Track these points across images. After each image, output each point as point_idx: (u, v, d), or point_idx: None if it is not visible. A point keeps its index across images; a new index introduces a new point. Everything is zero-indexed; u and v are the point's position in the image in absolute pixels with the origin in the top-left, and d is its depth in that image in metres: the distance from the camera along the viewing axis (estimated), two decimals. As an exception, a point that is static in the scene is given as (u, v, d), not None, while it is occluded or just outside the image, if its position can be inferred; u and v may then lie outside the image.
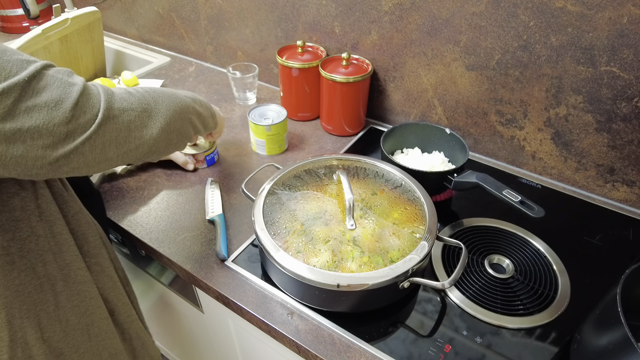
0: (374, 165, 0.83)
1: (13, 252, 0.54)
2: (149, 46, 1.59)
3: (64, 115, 0.45)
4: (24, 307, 0.57)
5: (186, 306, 0.98)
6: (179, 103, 0.63)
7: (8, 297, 0.55)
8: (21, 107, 0.43)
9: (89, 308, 0.65)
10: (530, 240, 0.81)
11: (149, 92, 0.58)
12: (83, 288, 0.64)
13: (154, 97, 0.58)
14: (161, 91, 0.61)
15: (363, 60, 1.06)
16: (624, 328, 0.48)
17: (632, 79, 0.78)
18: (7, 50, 0.44)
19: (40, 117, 0.44)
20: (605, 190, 0.92)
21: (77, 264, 0.63)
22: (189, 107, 0.66)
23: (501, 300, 0.70)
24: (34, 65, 0.45)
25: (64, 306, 0.62)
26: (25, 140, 0.44)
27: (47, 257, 0.58)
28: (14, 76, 0.43)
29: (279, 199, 0.75)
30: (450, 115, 1.03)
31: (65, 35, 1.24)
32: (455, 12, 0.90)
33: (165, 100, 0.60)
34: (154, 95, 0.59)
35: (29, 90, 0.44)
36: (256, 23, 1.23)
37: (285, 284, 0.70)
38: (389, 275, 0.62)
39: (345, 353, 0.64)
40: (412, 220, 0.72)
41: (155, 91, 0.60)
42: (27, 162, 0.45)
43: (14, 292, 0.56)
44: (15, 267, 0.55)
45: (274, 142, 1.01)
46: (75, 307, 0.63)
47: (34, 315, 0.58)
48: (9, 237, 0.54)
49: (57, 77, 0.46)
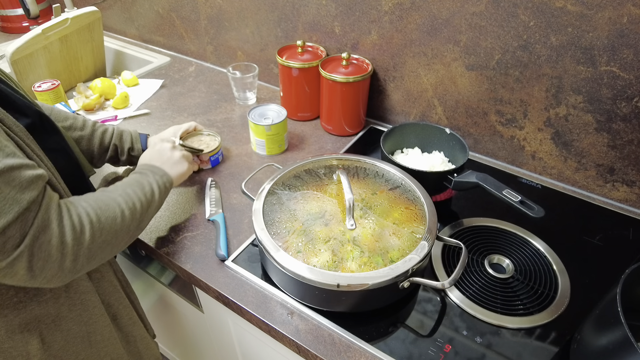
0: (374, 165, 0.83)
1: None
2: (149, 46, 1.59)
3: None
4: (24, 323, 0.57)
5: (186, 306, 0.98)
6: (122, 228, 0.59)
7: (8, 315, 0.55)
8: None
9: (92, 317, 0.66)
10: (530, 240, 0.81)
11: (94, 227, 0.54)
12: (86, 298, 0.64)
13: (94, 229, 0.54)
14: (108, 219, 0.56)
15: (363, 60, 1.06)
16: (624, 328, 0.48)
17: (632, 79, 0.78)
18: (8, 184, 0.43)
19: None
20: (605, 190, 0.92)
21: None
22: (135, 218, 0.62)
23: (501, 300, 0.70)
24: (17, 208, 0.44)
25: (65, 316, 0.62)
26: None
27: None
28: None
29: (279, 199, 0.75)
30: (450, 115, 1.03)
31: (65, 35, 1.24)
32: (455, 12, 0.90)
33: (108, 233, 0.56)
34: (97, 231, 0.54)
35: None
36: (256, 23, 1.23)
37: (285, 284, 0.70)
38: (389, 275, 0.62)
39: (345, 353, 0.64)
40: (412, 220, 0.72)
41: (102, 220, 0.55)
42: None
43: (14, 309, 0.55)
44: (12, 286, 0.54)
45: (274, 142, 1.01)
46: (77, 316, 0.63)
47: (35, 328, 0.58)
48: None
49: (2, 189, 0.44)
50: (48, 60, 1.22)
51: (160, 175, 0.72)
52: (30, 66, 1.17)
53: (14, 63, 1.12)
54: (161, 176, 0.72)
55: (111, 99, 1.22)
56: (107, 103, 1.22)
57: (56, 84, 1.09)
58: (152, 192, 0.67)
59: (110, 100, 1.22)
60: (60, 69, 1.28)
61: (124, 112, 1.19)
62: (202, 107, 1.22)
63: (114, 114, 1.18)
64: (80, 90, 1.21)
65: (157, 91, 1.30)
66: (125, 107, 1.21)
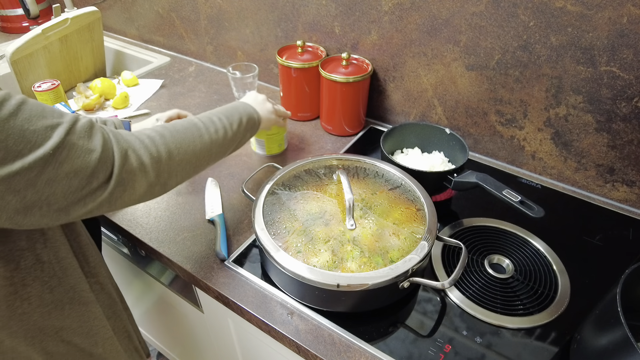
0: (374, 165, 0.83)
1: (16, 282, 0.54)
2: (149, 46, 1.59)
3: (80, 184, 0.47)
4: (29, 335, 0.57)
5: (186, 306, 0.98)
6: (202, 147, 0.62)
7: (12, 327, 0.55)
8: (43, 179, 0.44)
9: (93, 328, 0.65)
10: (530, 240, 0.81)
11: (167, 141, 0.58)
12: (87, 309, 0.64)
13: (169, 150, 0.57)
14: (184, 133, 0.60)
15: (363, 60, 1.06)
16: (624, 328, 0.48)
17: (632, 79, 0.78)
18: (32, 117, 0.44)
19: (60, 187, 0.45)
20: (605, 190, 0.92)
21: (82, 286, 0.62)
22: (216, 145, 0.65)
23: (501, 300, 0.70)
24: (58, 133, 0.45)
25: (68, 327, 0.61)
26: (42, 207, 0.45)
27: (52, 283, 0.58)
28: (38, 147, 0.44)
29: (279, 199, 0.75)
30: (450, 115, 1.03)
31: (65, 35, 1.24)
32: (455, 12, 0.90)
33: (182, 150, 0.59)
34: (170, 145, 0.58)
35: (52, 161, 0.44)
36: (256, 23, 1.23)
37: (285, 284, 0.70)
38: (389, 275, 0.62)
39: (345, 353, 0.64)
40: (412, 220, 0.72)
41: (176, 135, 0.59)
42: (40, 224, 0.47)
43: (19, 321, 0.55)
44: (18, 297, 0.54)
45: (274, 142, 1.01)
46: (79, 327, 0.63)
47: (39, 341, 0.58)
48: (13, 267, 0.53)
49: (78, 144, 0.47)
50: (48, 60, 1.23)
51: (251, 110, 0.74)
52: (30, 66, 1.17)
53: (14, 63, 1.12)
54: (250, 113, 0.74)
55: (111, 99, 1.22)
56: (107, 103, 1.22)
57: (56, 84, 1.09)
58: (239, 121, 0.70)
59: (110, 100, 1.22)
60: (60, 69, 1.28)
61: (124, 112, 1.19)
62: (202, 107, 1.22)
63: (114, 114, 1.18)
64: (80, 90, 1.21)
65: (157, 91, 1.30)
66: (125, 107, 1.21)
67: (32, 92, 1.12)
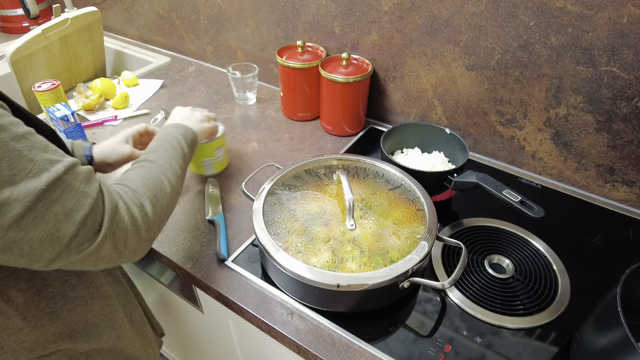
0: (374, 165, 0.83)
1: (38, 283, 0.54)
2: (149, 46, 1.59)
3: (68, 229, 0.44)
4: (58, 332, 0.58)
5: (186, 306, 0.98)
6: (171, 190, 0.61)
7: (44, 325, 0.56)
8: (30, 216, 0.41)
9: (116, 321, 0.66)
10: (530, 240, 0.81)
11: (149, 195, 0.56)
12: (107, 302, 0.64)
13: (153, 204, 0.56)
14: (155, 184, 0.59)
15: (363, 60, 1.06)
16: (624, 328, 0.48)
17: (632, 79, 0.78)
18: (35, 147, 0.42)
19: (45, 229, 0.42)
20: (605, 190, 0.92)
21: (99, 280, 0.63)
22: (179, 180, 0.65)
23: (501, 300, 0.70)
24: (56, 169, 0.43)
25: (92, 322, 0.62)
26: (23, 249, 0.42)
27: (72, 280, 0.59)
28: (32, 177, 0.41)
29: (279, 199, 0.75)
30: (450, 115, 1.03)
31: (65, 35, 1.24)
32: (455, 12, 0.90)
33: (159, 200, 0.58)
34: (153, 199, 0.56)
35: (43, 198, 0.42)
36: (256, 23, 1.23)
37: (285, 284, 0.70)
38: (389, 275, 0.62)
39: (345, 353, 0.64)
40: (412, 220, 0.72)
41: (151, 187, 0.58)
42: (15, 263, 0.44)
43: (48, 320, 0.56)
44: (43, 297, 0.55)
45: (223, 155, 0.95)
46: (103, 321, 0.64)
47: (69, 336, 0.59)
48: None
49: (74, 185, 0.45)
50: (48, 60, 1.23)
51: (184, 130, 0.72)
52: (30, 66, 1.17)
53: (14, 63, 1.12)
54: (184, 132, 0.72)
55: (111, 99, 1.22)
56: (107, 103, 1.22)
57: (56, 84, 1.09)
58: (182, 151, 0.69)
59: (110, 101, 1.22)
60: (60, 69, 1.28)
61: (124, 112, 1.19)
62: (202, 107, 1.22)
63: (114, 114, 1.18)
64: (80, 91, 1.21)
65: (157, 91, 1.30)
66: (125, 107, 1.21)
67: (32, 92, 1.12)
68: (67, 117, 0.99)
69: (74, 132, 1.02)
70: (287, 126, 1.14)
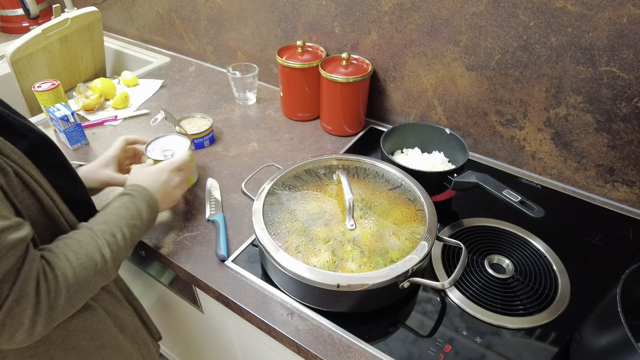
0: (374, 165, 0.83)
1: None
2: (149, 46, 1.59)
3: None
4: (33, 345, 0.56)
5: (186, 306, 0.98)
6: (100, 277, 0.57)
7: None
8: None
9: (98, 330, 0.65)
10: (530, 240, 0.81)
11: (69, 288, 0.52)
12: (90, 313, 0.63)
13: (67, 299, 0.52)
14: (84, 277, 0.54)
15: (363, 60, 1.06)
16: (624, 328, 0.48)
17: (632, 79, 0.78)
18: None
19: None
20: (605, 190, 0.92)
21: None
22: (115, 261, 0.60)
23: (501, 300, 0.70)
24: None
25: (74, 335, 0.61)
26: None
27: None
28: None
29: (279, 199, 0.75)
30: (450, 115, 1.03)
31: (65, 35, 1.24)
32: (455, 12, 0.90)
33: (81, 292, 0.54)
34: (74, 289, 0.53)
35: None
36: (256, 23, 1.23)
37: (285, 284, 0.70)
38: (389, 275, 0.62)
39: (345, 353, 0.64)
40: (412, 220, 0.72)
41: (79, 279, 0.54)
42: None
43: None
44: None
45: None
46: (84, 332, 0.63)
47: (45, 350, 0.58)
48: None
49: None
50: (48, 60, 1.23)
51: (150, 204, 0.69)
52: (30, 66, 1.17)
53: (14, 63, 1.12)
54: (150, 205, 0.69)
55: (111, 99, 1.22)
56: (107, 103, 1.22)
57: (56, 84, 1.09)
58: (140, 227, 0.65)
59: (110, 101, 1.22)
60: (60, 69, 1.28)
61: (124, 112, 1.19)
62: (202, 107, 1.22)
63: (114, 114, 1.18)
64: (80, 91, 1.21)
65: (157, 91, 1.30)
66: (125, 107, 1.21)
67: (32, 92, 1.12)
68: (67, 117, 0.99)
69: (73, 132, 1.02)
70: (287, 126, 1.14)
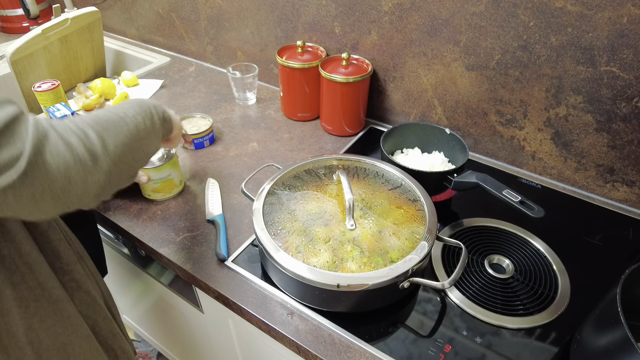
0: (374, 165, 0.83)
1: None
2: (149, 46, 1.59)
3: None
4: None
5: (186, 306, 0.98)
6: (129, 132, 0.54)
7: None
8: None
9: (67, 327, 0.61)
10: (530, 240, 0.81)
11: (93, 126, 0.49)
12: (58, 307, 0.60)
13: (98, 133, 0.49)
14: (107, 120, 0.52)
15: (363, 60, 1.06)
16: (624, 328, 0.48)
17: (632, 79, 0.78)
18: None
19: None
20: (605, 190, 0.92)
21: (51, 283, 0.59)
22: (140, 131, 0.56)
23: (501, 300, 0.70)
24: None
25: (36, 328, 0.58)
26: None
27: (15, 279, 0.54)
28: None
29: (279, 199, 0.75)
30: (450, 115, 1.03)
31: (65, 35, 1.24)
32: (455, 12, 0.90)
33: (112, 134, 0.51)
34: (98, 129, 0.49)
35: None
36: (256, 23, 1.23)
37: (285, 284, 0.70)
38: (389, 275, 0.62)
39: (345, 353, 0.64)
40: (412, 220, 0.72)
41: (100, 121, 0.51)
42: None
43: None
44: None
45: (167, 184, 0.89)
46: (49, 327, 0.59)
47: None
48: None
49: None
50: (48, 60, 1.22)
51: (155, 104, 0.64)
52: (30, 66, 1.17)
53: (14, 63, 1.12)
54: (156, 106, 0.64)
55: (111, 99, 1.22)
56: (107, 103, 1.22)
57: (56, 84, 1.09)
58: (151, 115, 0.60)
59: (110, 101, 1.22)
60: (60, 69, 1.28)
61: (124, 112, 1.19)
62: (202, 108, 1.22)
63: (114, 114, 1.18)
64: (80, 91, 1.21)
65: (157, 91, 1.30)
66: (125, 107, 1.21)
67: (32, 92, 1.12)
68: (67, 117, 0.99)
69: (74, 132, 1.02)
70: (287, 126, 1.14)
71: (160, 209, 0.88)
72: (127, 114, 0.55)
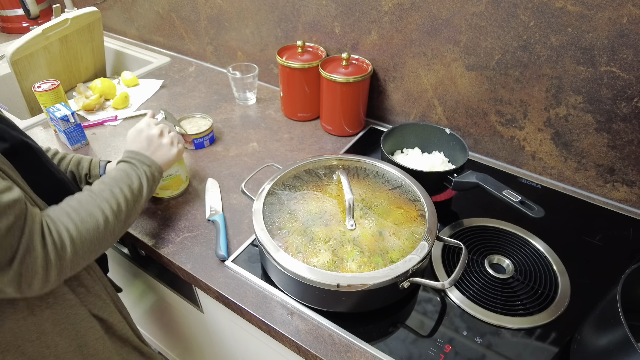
0: (374, 165, 0.83)
1: None
2: (149, 46, 1.59)
3: None
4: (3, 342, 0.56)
5: (186, 306, 0.98)
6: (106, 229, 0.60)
7: None
8: None
9: (80, 330, 0.65)
10: (530, 240, 0.81)
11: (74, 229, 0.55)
12: (71, 312, 0.63)
13: (75, 241, 0.55)
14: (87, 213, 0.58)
15: (363, 60, 1.06)
16: (624, 328, 0.48)
17: (632, 79, 0.78)
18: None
19: None
20: (605, 190, 0.92)
21: (61, 290, 0.62)
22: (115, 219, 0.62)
23: (501, 300, 0.70)
24: None
25: (50, 331, 0.61)
26: None
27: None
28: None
29: (279, 199, 0.75)
30: (450, 115, 1.03)
31: (65, 35, 1.24)
32: (455, 12, 0.90)
33: (90, 238, 0.57)
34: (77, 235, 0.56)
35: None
36: (256, 23, 1.23)
37: (285, 284, 0.70)
38: (389, 275, 0.62)
39: (345, 353, 0.64)
40: (412, 220, 0.72)
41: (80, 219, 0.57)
42: None
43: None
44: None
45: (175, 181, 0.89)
46: (63, 330, 0.62)
47: (15, 347, 0.58)
48: None
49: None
50: (48, 60, 1.23)
51: (148, 164, 0.71)
52: (30, 66, 1.17)
53: (14, 63, 1.12)
54: (149, 166, 0.71)
55: (111, 99, 1.22)
56: (107, 103, 1.22)
57: (56, 84, 1.09)
58: (140, 187, 0.67)
59: (110, 101, 1.22)
60: (60, 69, 1.28)
61: (124, 113, 1.19)
62: (202, 108, 1.22)
63: (114, 114, 1.18)
64: (80, 91, 1.21)
65: (157, 91, 1.30)
66: (125, 108, 1.21)
67: (32, 92, 1.12)
68: (67, 117, 0.99)
69: (73, 132, 1.02)
70: (287, 126, 1.14)
71: (161, 209, 0.88)
72: (109, 213, 0.61)
